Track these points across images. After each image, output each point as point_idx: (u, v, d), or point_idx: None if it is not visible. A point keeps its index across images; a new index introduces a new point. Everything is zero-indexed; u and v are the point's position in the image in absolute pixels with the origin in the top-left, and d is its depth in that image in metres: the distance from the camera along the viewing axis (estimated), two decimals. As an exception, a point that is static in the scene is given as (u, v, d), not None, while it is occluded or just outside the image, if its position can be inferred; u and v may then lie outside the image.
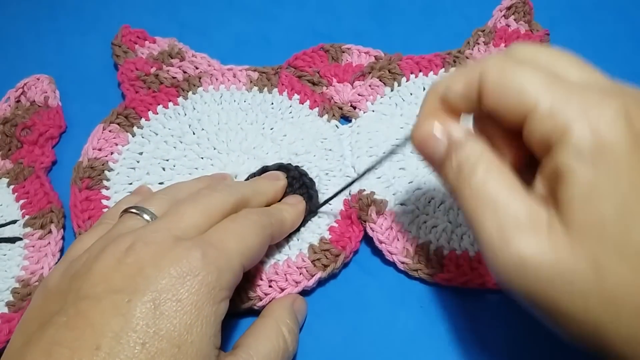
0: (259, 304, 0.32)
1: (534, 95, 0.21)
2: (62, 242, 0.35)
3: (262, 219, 0.29)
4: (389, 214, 0.34)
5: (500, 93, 0.22)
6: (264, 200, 0.32)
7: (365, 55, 0.41)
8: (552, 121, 0.21)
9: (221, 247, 0.26)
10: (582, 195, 0.20)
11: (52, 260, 0.33)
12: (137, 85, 0.40)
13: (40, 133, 0.38)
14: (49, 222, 0.34)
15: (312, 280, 0.33)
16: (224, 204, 0.29)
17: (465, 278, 0.33)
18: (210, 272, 0.25)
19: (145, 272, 0.24)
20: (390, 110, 0.39)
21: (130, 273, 0.24)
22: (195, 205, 0.28)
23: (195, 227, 0.27)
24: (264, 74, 0.40)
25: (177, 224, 0.26)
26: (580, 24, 0.45)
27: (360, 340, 0.32)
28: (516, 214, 0.21)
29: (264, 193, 0.32)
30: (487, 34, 0.42)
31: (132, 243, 0.25)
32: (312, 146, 0.37)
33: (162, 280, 0.24)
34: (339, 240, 0.34)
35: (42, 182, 0.36)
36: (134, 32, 0.42)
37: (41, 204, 0.35)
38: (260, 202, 0.32)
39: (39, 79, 0.40)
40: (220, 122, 0.38)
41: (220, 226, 0.27)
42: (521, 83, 0.22)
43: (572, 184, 0.20)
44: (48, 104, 0.39)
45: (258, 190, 0.32)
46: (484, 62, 0.23)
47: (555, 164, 0.21)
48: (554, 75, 0.22)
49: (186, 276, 0.24)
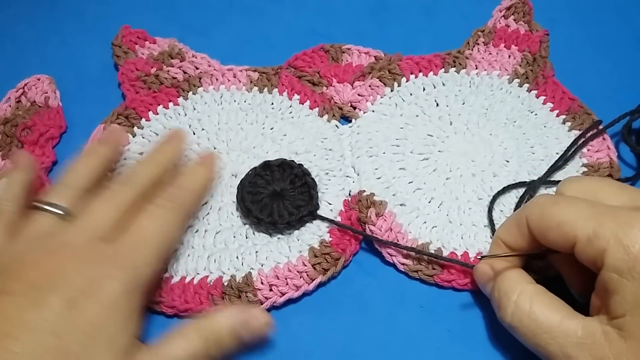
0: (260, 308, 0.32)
1: (572, 228, 0.25)
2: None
3: (175, 201, 0.30)
4: (389, 214, 0.34)
5: (544, 230, 0.26)
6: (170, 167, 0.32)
7: (365, 56, 0.41)
8: (592, 248, 0.24)
9: (136, 244, 0.28)
10: (631, 305, 0.23)
11: None
12: (138, 86, 0.40)
13: (40, 133, 0.38)
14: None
15: (313, 285, 0.33)
16: (134, 195, 0.30)
17: (466, 279, 0.33)
18: (124, 269, 0.26)
19: (63, 272, 0.25)
20: (390, 111, 0.39)
21: (49, 273, 0.25)
22: (106, 202, 0.29)
23: (110, 224, 0.28)
24: (264, 74, 0.40)
25: (93, 224, 0.28)
26: (579, 24, 0.45)
27: (360, 340, 0.32)
28: (574, 333, 0.25)
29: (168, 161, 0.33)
30: (486, 34, 0.42)
31: (52, 247, 0.27)
32: (312, 146, 0.37)
33: (79, 279, 0.25)
34: (339, 242, 0.34)
35: (42, 182, 0.36)
36: (135, 32, 0.42)
37: None
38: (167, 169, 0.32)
39: (39, 80, 0.40)
40: (221, 122, 0.38)
41: (133, 221, 0.28)
42: (559, 219, 0.26)
43: (620, 297, 0.24)
44: (48, 104, 0.39)
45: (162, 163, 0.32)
46: (528, 205, 0.28)
47: (603, 281, 0.24)
48: (592, 204, 0.26)
49: (102, 276, 0.26)
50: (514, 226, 0.29)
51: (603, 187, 0.28)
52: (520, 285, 0.28)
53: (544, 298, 0.27)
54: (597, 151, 0.37)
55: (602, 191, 0.27)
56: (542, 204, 0.27)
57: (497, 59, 0.42)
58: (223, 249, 0.34)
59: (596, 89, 0.41)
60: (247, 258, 0.33)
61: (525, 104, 0.39)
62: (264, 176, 0.35)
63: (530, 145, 0.38)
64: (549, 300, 0.27)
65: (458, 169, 0.37)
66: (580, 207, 0.26)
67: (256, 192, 0.34)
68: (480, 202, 0.35)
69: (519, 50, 0.42)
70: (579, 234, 0.25)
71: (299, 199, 0.34)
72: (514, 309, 0.27)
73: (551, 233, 0.26)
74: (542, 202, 0.27)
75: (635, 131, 0.38)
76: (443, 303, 0.33)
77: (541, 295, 0.27)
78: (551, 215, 0.26)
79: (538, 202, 0.28)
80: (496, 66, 0.41)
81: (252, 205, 0.34)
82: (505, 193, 0.36)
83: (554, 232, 0.26)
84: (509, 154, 0.37)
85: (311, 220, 0.34)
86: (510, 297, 0.27)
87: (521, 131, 0.38)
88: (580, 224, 0.25)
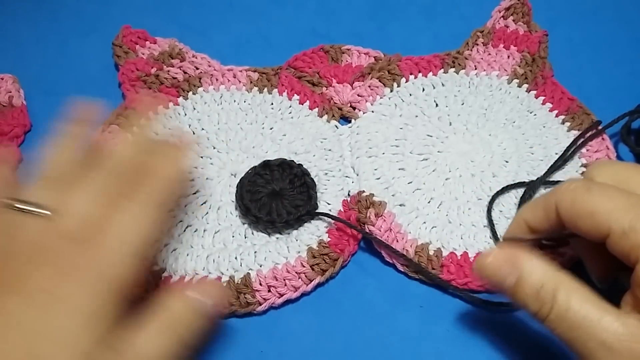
0: (259, 309, 0.32)
1: (606, 219, 0.24)
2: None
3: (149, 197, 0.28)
4: (388, 215, 0.34)
5: (575, 218, 0.25)
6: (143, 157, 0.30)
7: (365, 56, 0.41)
8: (628, 241, 0.24)
9: (110, 246, 0.26)
10: None
11: None
12: (138, 86, 0.40)
13: (4, 132, 0.38)
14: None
15: (311, 286, 0.33)
16: (110, 185, 0.28)
17: (465, 279, 0.33)
18: (96, 273, 0.25)
19: (31, 274, 0.24)
20: (390, 111, 0.39)
21: (18, 274, 0.24)
22: (83, 195, 0.27)
23: (85, 220, 0.26)
24: (264, 75, 0.41)
25: (68, 223, 0.26)
26: (579, 24, 0.45)
27: (360, 341, 0.32)
28: (615, 330, 0.23)
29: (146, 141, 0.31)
30: (485, 35, 0.43)
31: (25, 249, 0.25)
32: (312, 146, 0.37)
33: (44, 279, 0.24)
34: (337, 243, 0.34)
35: None
36: (135, 32, 0.42)
37: None
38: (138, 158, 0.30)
39: (2, 79, 0.40)
40: (220, 122, 0.38)
41: (109, 218, 0.27)
42: (592, 208, 0.25)
43: None
44: (12, 103, 0.39)
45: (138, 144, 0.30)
46: (558, 189, 0.27)
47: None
48: (627, 194, 0.25)
49: (71, 280, 0.24)
50: (540, 209, 0.27)
51: (635, 175, 0.26)
52: (555, 276, 0.25)
53: (581, 290, 0.25)
54: (596, 151, 0.37)
55: (634, 179, 0.26)
56: (574, 190, 0.26)
57: (496, 59, 0.42)
58: (222, 249, 0.34)
59: (595, 89, 0.41)
60: (246, 259, 0.33)
61: (524, 105, 0.39)
62: (264, 175, 0.35)
63: (529, 146, 0.38)
64: (585, 292, 0.25)
65: (457, 169, 0.37)
66: (614, 196, 0.25)
67: (255, 191, 0.34)
68: (479, 203, 0.35)
69: (518, 51, 0.42)
70: (613, 227, 0.24)
71: (297, 199, 0.34)
72: (553, 304, 0.25)
73: (583, 221, 0.25)
74: (573, 189, 0.26)
75: (635, 131, 0.38)
76: (443, 303, 0.33)
77: (578, 287, 0.25)
78: (584, 203, 0.25)
79: (569, 188, 0.26)
80: (495, 67, 0.41)
81: (250, 204, 0.34)
82: (505, 193, 0.36)
83: (586, 221, 0.25)
84: (508, 154, 0.37)
85: (310, 220, 0.34)
86: (548, 290, 0.25)
87: (520, 131, 0.38)
88: (615, 216, 0.24)
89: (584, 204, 0.25)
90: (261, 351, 0.31)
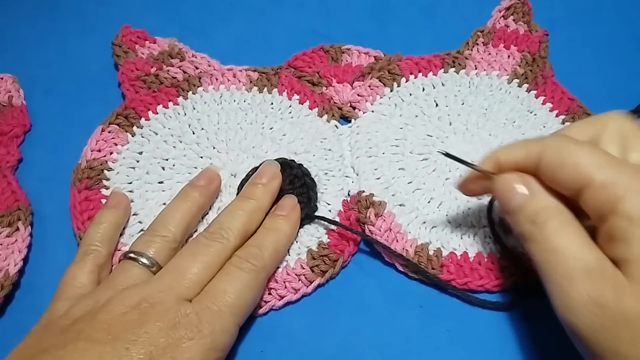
0: (259, 312, 0.32)
1: (588, 171, 0.25)
2: (30, 239, 0.34)
3: (257, 264, 0.30)
4: (388, 215, 0.34)
5: (556, 167, 0.26)
6: (261, 216, 0.32)
7: (365, 56, 0.41)
8: (605, 193, 0.24)
9: (217, 309, 0.28)
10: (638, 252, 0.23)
11: (18, 257, 0.33)
12: (137, 85, 0.40)
13: (4, 132, 0.38)
14: (17, 219, 0.34)
15: (311, 287, 0.33)
16: (223, 253, 0.30)
17: (465, 279, 0.33)
18: (204, 336, 0.27)
19: (147, 328, 0.26)
20: (390, 111, 0.39)
21: (133, 327, 0.26)
22: (194, 259, 0.29)
23: (197, 283, 0.29)
24: (263, 74, 0.40)
25: (180, 282, 0.28)
26: (579, 25, 0.45)
27: (360, 341, 0.32)
28: (586, 263, 0.24)
29: (259, 208, 0.32)
30: (486, 35, 0.43)
31: (138, 301, 0.27)
32: (312, 146, 0.37)
33: (160, 338, 0.26)
34: (337, 244, 0.34)
35: (9, 180, 0.36)
36: (135, 32, 0.42)
37: (8, 202, 0.35)
38: (258, 220, 0.32)
39: (2, 79, 0.40)
40: (220, 122, 0.38)
41: (216, 284, 0.29)
42: (578, 160, 0.25)
43: (630, 244, 0.24)
44: (12, 103, 0.39)
45: (253, 213, 0.32)
46: (548, 138, 0.27)
47: (610, 228, 0.24)
48: (616, 159, 0.26)
49: (183, 337, 0.26)
50: (522, 150, 0.28)
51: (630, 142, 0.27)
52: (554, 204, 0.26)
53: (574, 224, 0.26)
54: (596, 151, 0.37)
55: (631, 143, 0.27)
56: (563, 139, 0.26)
57: (497, 59, 0.42)
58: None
59: (595, 89, 0.41)
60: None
61: (524, 104, 0.39)
62: (264, 176, 0.35)
63: (529, 146, 0.38)
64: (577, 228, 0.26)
65: (457, 169, 0.37)
66: (601, 154, 0.25)
67: (256, 191, 0.34)
68: (479, 202, 0.35)
69: (519, 51, 0.42)
70: (596, 178, 0.25)
71: (297, 200, 0.34)
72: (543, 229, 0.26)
73: (564, 171, 0.26)
74: (563, 138, 0.27)
75: (635, 131, 0.38)
76: (443, 303, 0.33)
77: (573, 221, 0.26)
78: (570, 153, 0.26)
79: (559, 138, 0.27)
80: (495, 66, 0.41)
81: None
82: (505, 193, 0.36)
83: (567, 171, 0.25)
84: (509, 154, 0.37)
85: (309, 222, 0.34)
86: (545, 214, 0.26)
87: (520, 131, 0.38)
88: (599, 170, 0.25)
89: (571, 154, 0.26)
90: (261, 351, 0.31)
